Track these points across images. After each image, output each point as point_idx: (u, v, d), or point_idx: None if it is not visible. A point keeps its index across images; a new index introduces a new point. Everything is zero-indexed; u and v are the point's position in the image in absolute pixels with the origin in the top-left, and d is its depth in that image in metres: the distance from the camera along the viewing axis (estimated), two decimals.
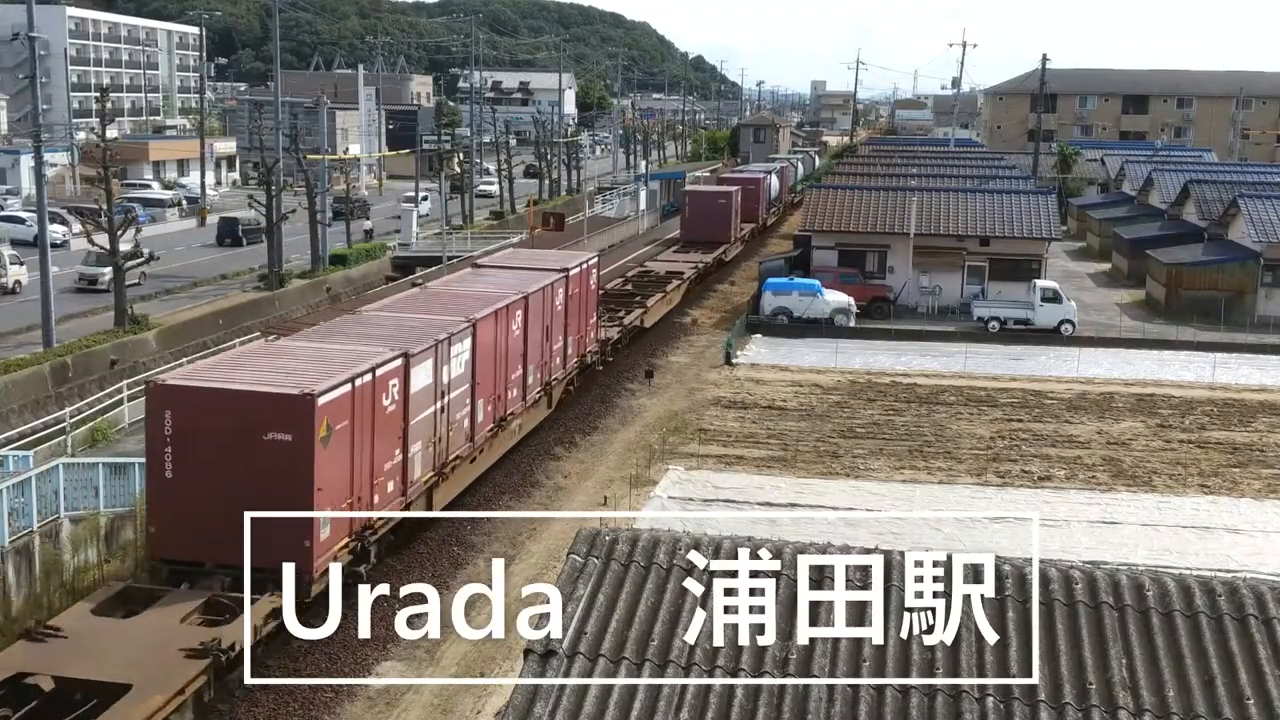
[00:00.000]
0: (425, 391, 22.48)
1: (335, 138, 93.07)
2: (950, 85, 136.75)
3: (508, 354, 27.09)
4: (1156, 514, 26.96)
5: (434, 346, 22.76)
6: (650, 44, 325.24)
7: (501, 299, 27.28)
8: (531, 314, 28.64)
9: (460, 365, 24.17)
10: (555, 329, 30.92)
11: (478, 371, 25.14)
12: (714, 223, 59.97)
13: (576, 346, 33.25)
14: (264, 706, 17.56)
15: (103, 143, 41.44)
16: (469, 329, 24.64)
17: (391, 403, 21.02)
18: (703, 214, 60.14)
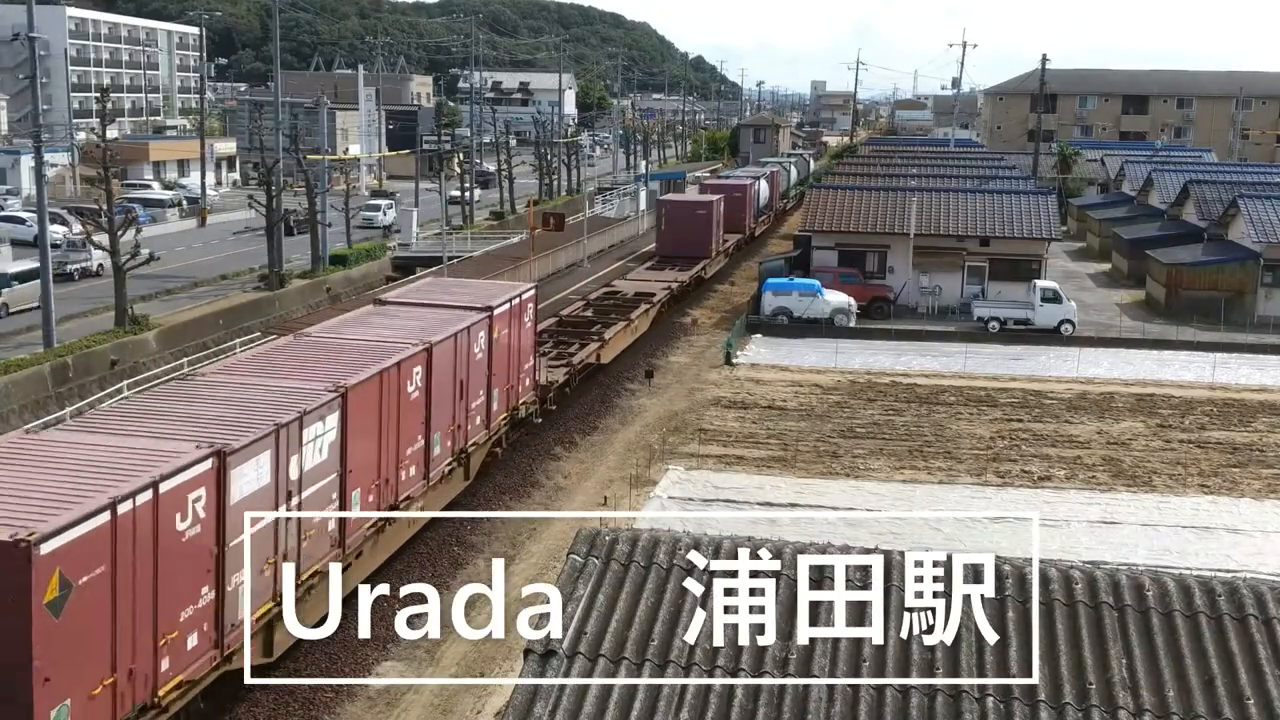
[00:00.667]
0: (259, 497, 16.61)
1: (335, 138, 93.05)
2: (950, 85, 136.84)
3: (400, 424, 21.65)
4: (1156, 514, 26.96)
5: (274, 433, 16.97)
6: (650, 44, 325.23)
7: (395, 352, 21.99)
8: (438, 367, 23.28)
9: (322, 450, 18.58)
10: (474, 382, 25.53)
11: (352, 454, 19.53)
12: (693, 235, 55.02)
13: (505, 399, 27.74)
14: (264, 707, 17.56)
15: (103, 143, 41.43)
16: (336, 401, 19.01)
17: (192, 525, 15.09)
18: (681, 225, 55.18)
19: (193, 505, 15.14)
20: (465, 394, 24.91)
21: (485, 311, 26.18)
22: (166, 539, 14.53)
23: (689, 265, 52.95)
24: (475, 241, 65.07)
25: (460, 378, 24.49)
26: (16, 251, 55.97)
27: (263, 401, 18.22)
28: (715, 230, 56.55)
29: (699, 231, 55.17)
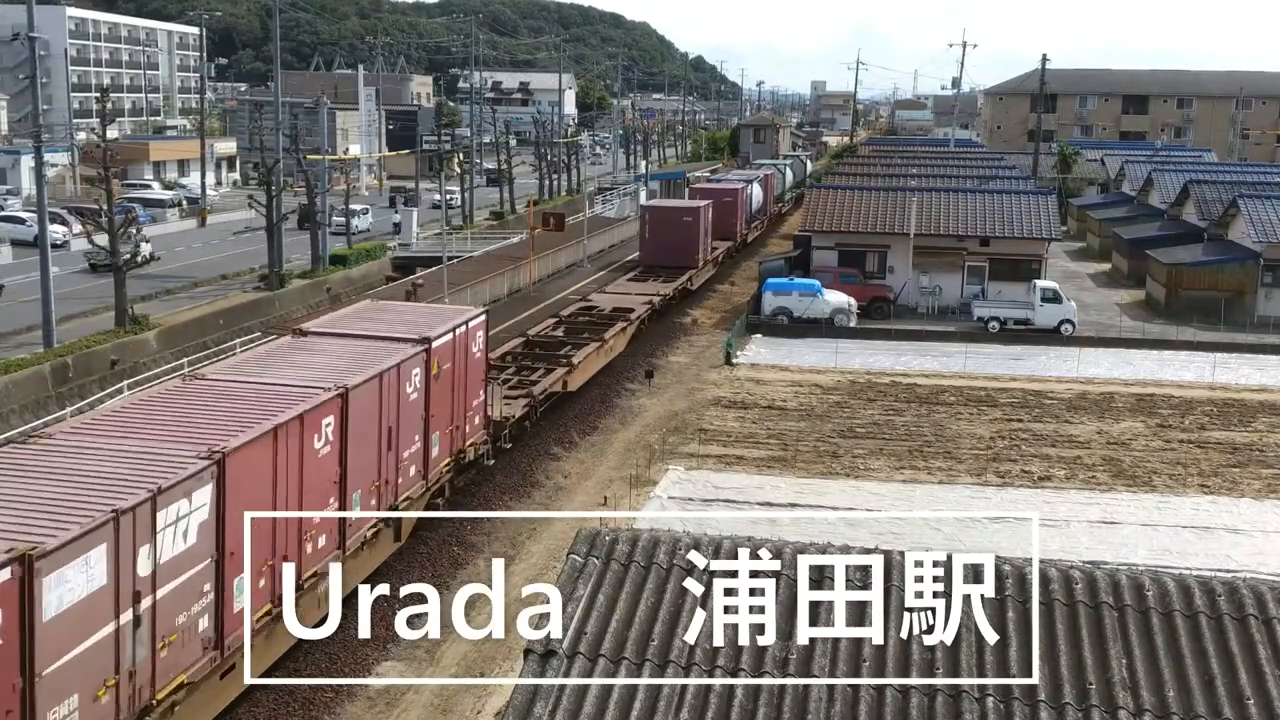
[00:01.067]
0: (87, 607, 12.87)
1: (335, 138, 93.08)
2: (950, 85, 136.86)
3: (305, 488, 17.79)
4: (1156, 514, 26.96)
5: (111, 522, 13.15)
6: (650, 44, 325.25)
7: (297, 401, 18.01)
8: (358, 415, 19.43)
9: (187, 535, 14.68)
10: (407, 428, 21.84)
11: (234, 533, 15.32)
12: (678, 244, 51.74)
13: (448, 443, 24.24)
14: (264, 707, 17.57)
15: (103, 143, 41.43)
16: (209, 471, 15.09)
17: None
18: (665, 234, 51.96)
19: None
20: (395, 443, 21.21)
21: (422, 344, 22.53)
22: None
23: (674, 276, 49.69)
24: (475, 241, 65.10)
25: (388, 424, 20.82)
26: (16, 252, 56.06)
27: (106, 476, 14.29)
28: (703, 238, 53.50)
29: (685, 240, 52.00)
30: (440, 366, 23.14)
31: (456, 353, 24.19)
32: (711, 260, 56.54)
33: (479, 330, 25.68)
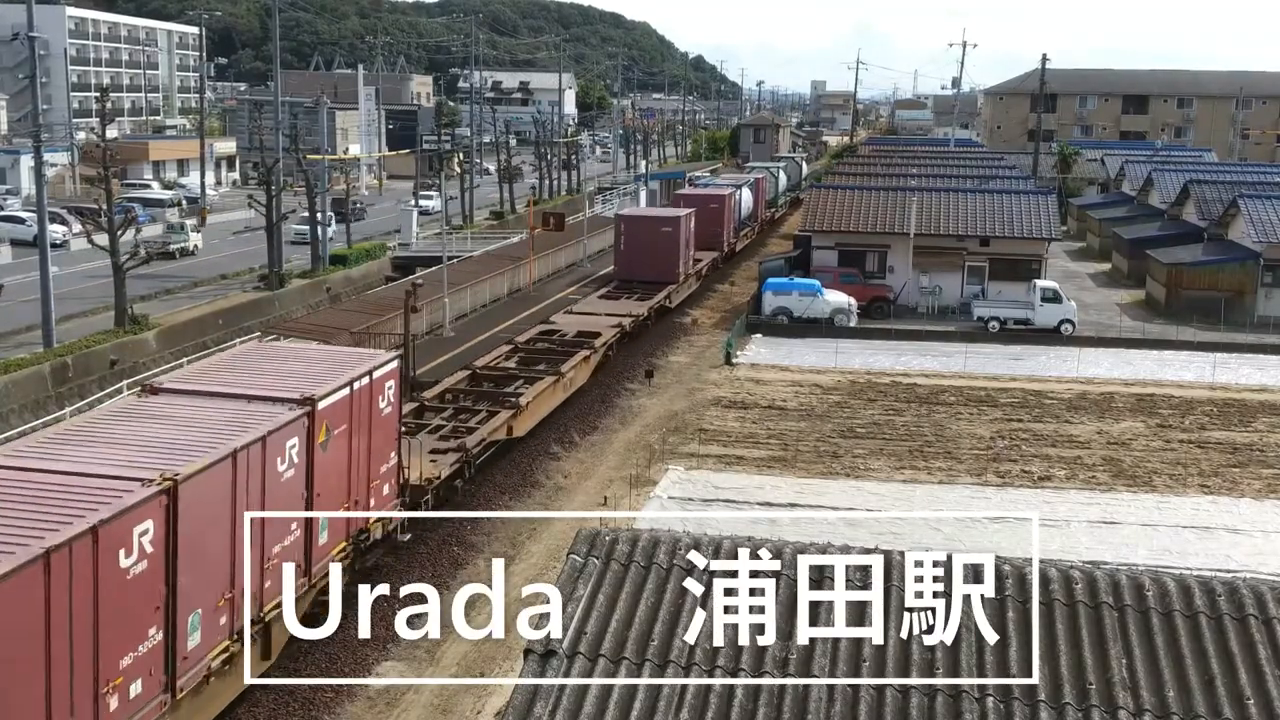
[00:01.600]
0: None
1: (335, 138, 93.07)
2: (950, 85, 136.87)
3: (103, 624, 13.01)
4: (1156, 514, 26.96)
5: None
6: (650, 44, 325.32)
7: (101, 503, 13.28)
8: (192, 514, 14.51)
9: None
10: (277, 521, 17.31)
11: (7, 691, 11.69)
12: (657, 257, 47.50)
13: (341, 528, 19.69)
14: (264, 707, 17.56)
15: (103, 143, 41.44)
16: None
17: None
18: (642, 246, 47.59)
19: None
20: (260, 539, 16.58)
21: (302, 406, 17.92)
22: None
23: (650, 293, 45.37)
24: (475, 241, 65.08)
25: (247, 515, 15.78)
26: (16, 251, 56.06)
27: None
28: (684, 250, 49.01)
29: (664, 253, 47.64)
30: (330, 432, 18.69)
31: (356, 412, 19.64)
32: (694, 274, 51.96)
33: (390, 378, 21.02)
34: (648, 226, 48.92)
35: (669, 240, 48.13)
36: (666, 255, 47.88)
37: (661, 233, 48.18)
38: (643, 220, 50.44)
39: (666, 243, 48.04)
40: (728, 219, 60.14)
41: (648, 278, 46.81)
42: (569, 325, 38.82)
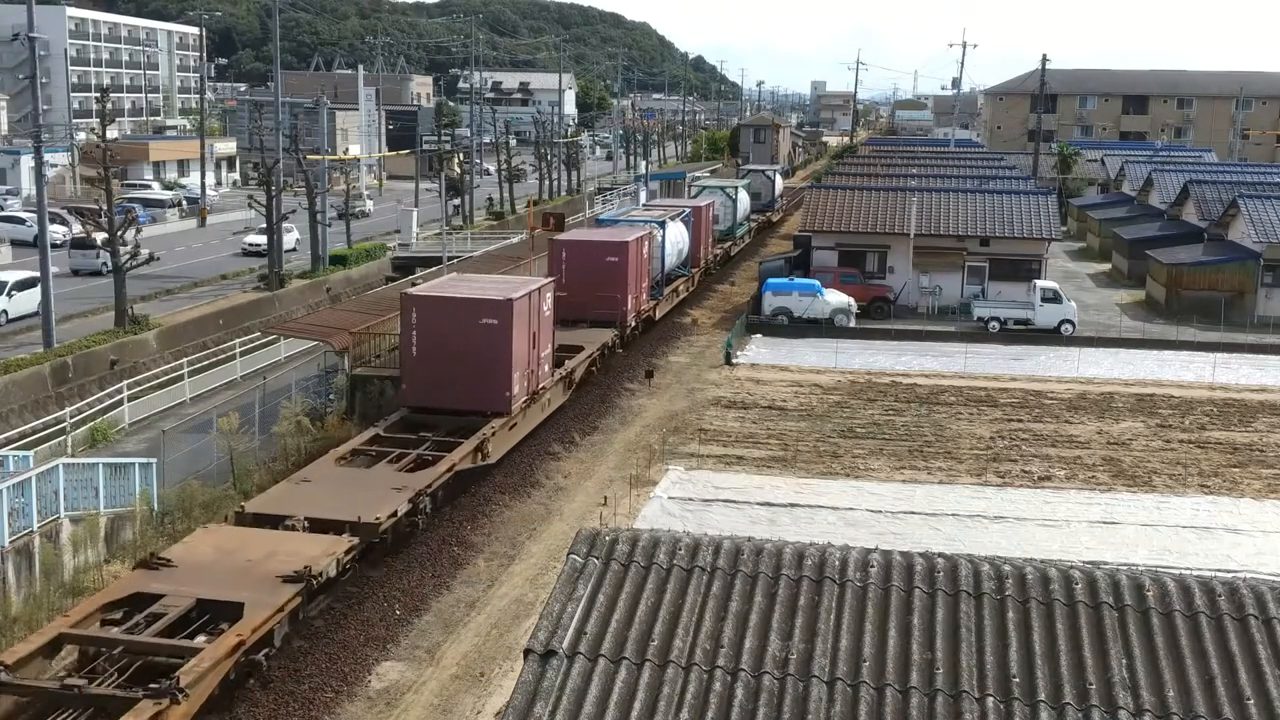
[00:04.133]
0: None
1: (335, 138, 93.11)
2: (950, 85, 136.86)
3: None
4: (1156, 514, 26.95)
5: None
6: (650, 44, 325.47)
7: None
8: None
9: None
10: None
11: None
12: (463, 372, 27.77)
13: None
14: (264, 707, 17.55)
15: (103, 143, 41.45)
16: None
17: None
18: (441, 353, 27.99)
19: None
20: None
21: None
22: None
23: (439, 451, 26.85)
24: (475, 241, 65.09)
25: None
26: (16, 251, 56.06)
27: None
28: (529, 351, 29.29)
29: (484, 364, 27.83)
30: None
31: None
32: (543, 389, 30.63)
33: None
34: (452, 316, 28.07)
35: (496, 339, 27.81)
36: (490, 368, 27.87)
37: (482, 328, 27.81)
38: (445, 305, 28.32)
39: (490, 351, 27.81)
40: (634, 275, 39.80)
41: (447, 405, 27.92)
42: None
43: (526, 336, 28.81)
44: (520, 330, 28.23)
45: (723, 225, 61.14)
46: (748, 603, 9.53)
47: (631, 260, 39.35)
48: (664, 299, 45.95)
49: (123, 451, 27.42)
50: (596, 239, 40.68)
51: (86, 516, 21.93)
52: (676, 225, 48.06)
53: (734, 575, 9.83)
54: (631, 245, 39.41)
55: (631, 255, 39.35)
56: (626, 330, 39.82)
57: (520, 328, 28.21)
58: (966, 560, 9.96)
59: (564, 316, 34.99)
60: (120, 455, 25.31)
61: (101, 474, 22.57)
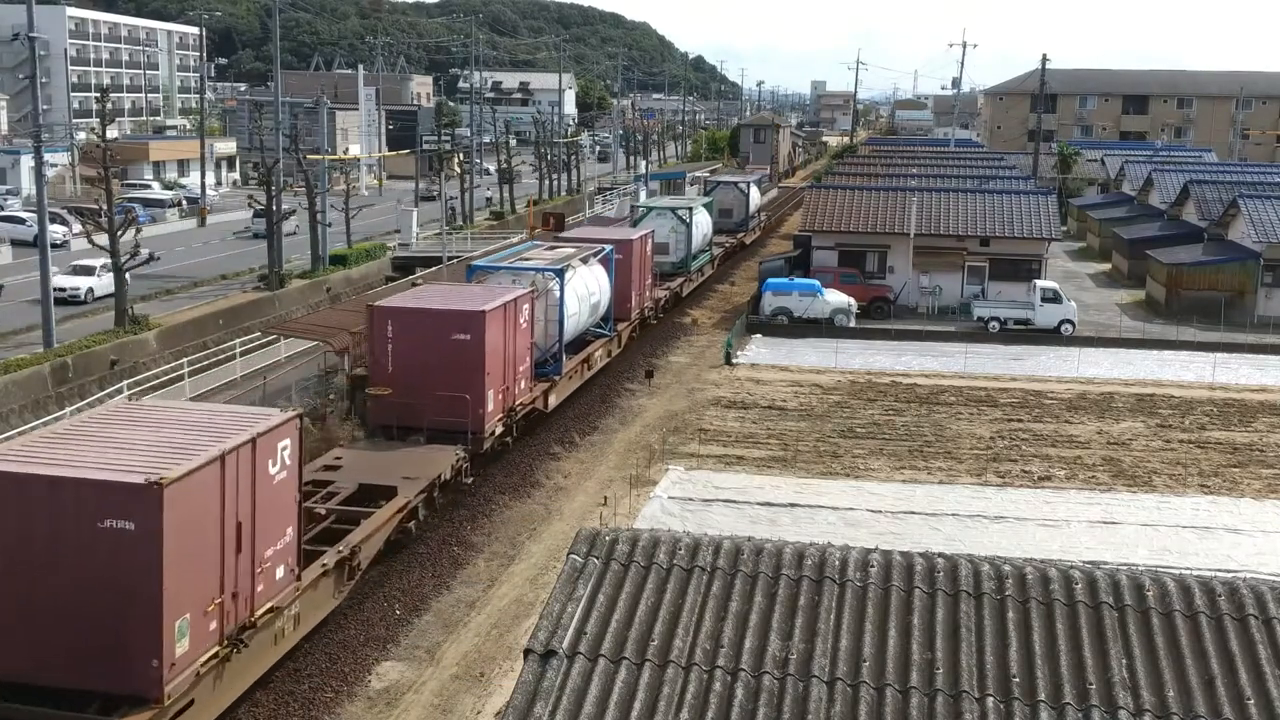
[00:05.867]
0: None
1: (335, 138, 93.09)
2: (950, 85, 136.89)
3: None
4: (1156, 514, 26.94)
5: None
6: (650, 44, 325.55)
7: None
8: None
9: None
10: None
11: None
12: None
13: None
14: (264, 707, 17.55)
15: (103, 143, 41.44)
16: None
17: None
18: None
19: None
20: None
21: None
22: None
23: None
24: (475, 241, 65.08)
25: None
26: (16, 252, 56.07)
27: None
28: None
29: None
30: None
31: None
32: None
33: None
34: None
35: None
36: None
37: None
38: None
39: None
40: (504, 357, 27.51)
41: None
42: None
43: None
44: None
45: (673, 256, 50.58)
46: (748, 603, 9.53)
47: (495, 334, 26.56)
48: (564, 378, 32.50)
49: None
50: (438, 305, 26.76)
51: None
52: (588, 271, 35.03)
53: (734, 575, 9.82)
54: (493, 315, 26.32)
55: (495, 328, 26.54)
56: (485, 442, 26.26)
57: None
58: (966, 560, 9.96)
59: (386, 422, 25.70)
60: None
61: None
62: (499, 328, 26.96)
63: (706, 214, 56.02)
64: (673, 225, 51.02)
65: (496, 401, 27.11)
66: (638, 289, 41.71)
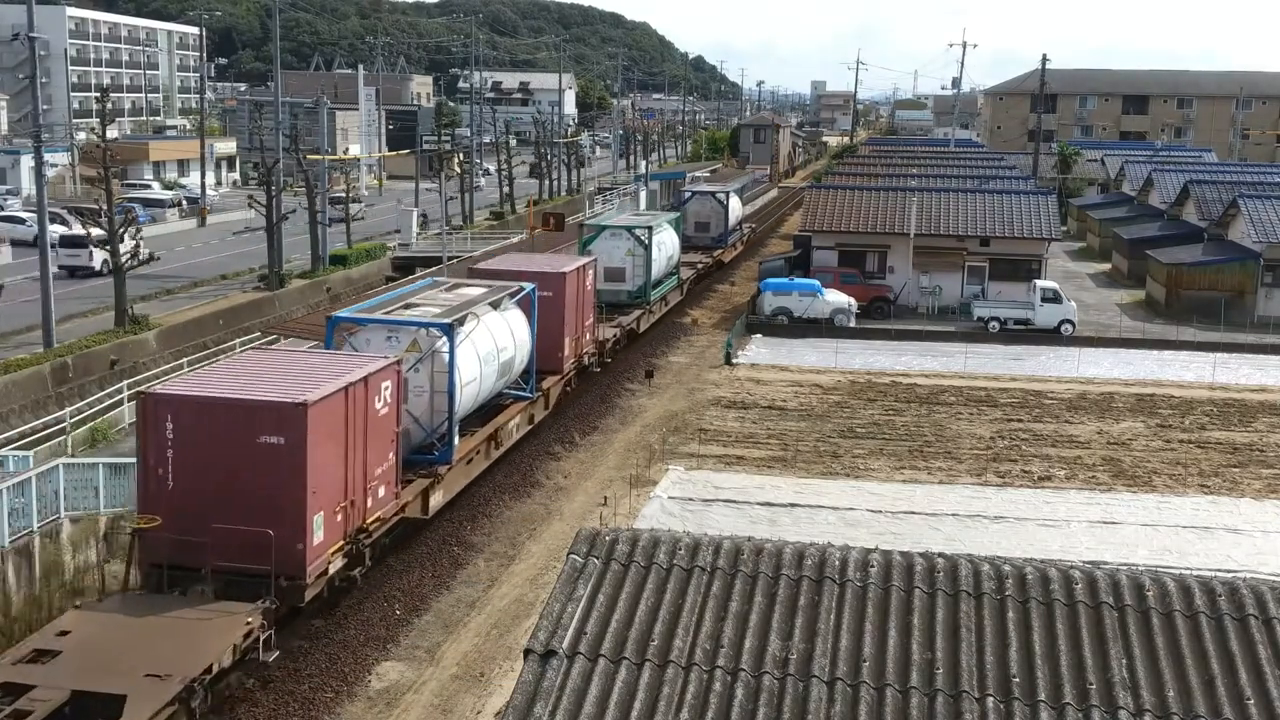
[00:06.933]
0: None
1: (335, 138, 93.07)
2: (950, 85, 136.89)
3: None
4: (1156, 514, 26.94)
5: None
6: (650, 44, 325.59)
7: None
8: None
9: None
10: None
11: None
12: None
13: None
14: (264, 707, 17.55)
15: (103, 143, 41.43)
16: None
17: None
18: None
19: None
20: None
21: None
22: None
23: None
24: (475, 241, 65.06)
25: None
26: (16, 252, 56.05)
27: None
28: None
29: None
30: None
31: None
32: None
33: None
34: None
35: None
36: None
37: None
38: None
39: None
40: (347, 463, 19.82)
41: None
42: None
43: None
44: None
45: (629, 285, 43.28)
46: (748, 603, 9.53)
47: (329, 431, 18.95)
48: (457, 465, 24.86)
49: (123, 451, 27.40)
50: (241, 394, 18.78)
51: (86, 516, 21.94)
52: (498, 320, 27.70)
53: (734, 575, 9.82)
54: (323, 406, 18.64)
55: (328, 422, 18.89)
56: (308, 591, 18.45)
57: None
58: (966, 560, 9.96)
59: (156, 561, 18.33)
60: (120, 455, 25.28)
61: (101, 474, 22.58)
62: (335, 420, 19.07)
63: (672, 232, 48.63)
64: (629, 248, 43.42)
65: (331, 527, 19.08)
66: (573, 332, 33.63)
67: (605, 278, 40.88)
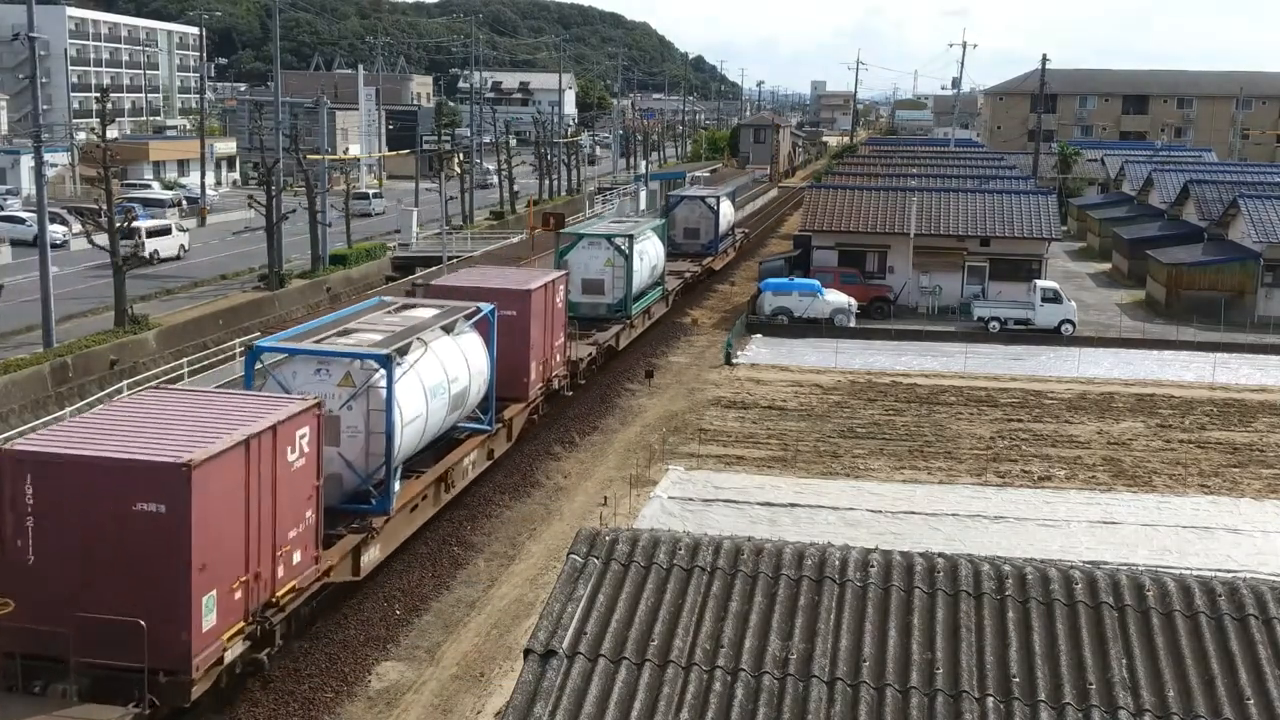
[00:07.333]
0: None
1: (335, 138, 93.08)
2: (950, 85, 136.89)
3: None
4: (1156, 514, 26.94)
5: None
6: (650, 44, 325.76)
7: None
8: None
9: None
10: None
11: None
12: None
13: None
14: (264, 707, 17.55)
15: (103, 143, 41.44)
16: None
17: None
18: None
19: None
20: None
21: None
22: None
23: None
24: (475, 241, 65.08)
25: None
26: (16, 251, 56.06)
27: None
28: None
29: None
30: None
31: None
32: None
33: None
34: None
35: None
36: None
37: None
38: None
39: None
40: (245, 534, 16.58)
41: None
42: None
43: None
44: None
45: (609, 298, 40.56)
46: (748, 603, 9.53)
47: (223, 495, 15.96)
48: (397, 516, 21.80)
49: None
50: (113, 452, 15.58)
51: None
52: (449, 346, 24.65)
53: (734, 575, 9.82)
54: (212, 467, 15.53)
55: (222, 483, 15.88)
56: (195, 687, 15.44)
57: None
58: (966, 560, 9.96)
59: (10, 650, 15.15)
60: None
61: None
62: (232, 480, 16.06)
63: (656, 240, 45.42)
64: (609, 257, 40.43)
65: (228, 607, 16.08)
66: (541, 354, 30.63)
67: (583, 290, 39.31)
